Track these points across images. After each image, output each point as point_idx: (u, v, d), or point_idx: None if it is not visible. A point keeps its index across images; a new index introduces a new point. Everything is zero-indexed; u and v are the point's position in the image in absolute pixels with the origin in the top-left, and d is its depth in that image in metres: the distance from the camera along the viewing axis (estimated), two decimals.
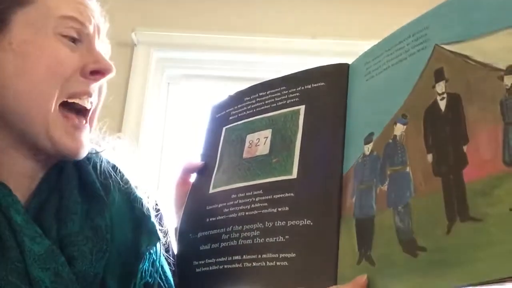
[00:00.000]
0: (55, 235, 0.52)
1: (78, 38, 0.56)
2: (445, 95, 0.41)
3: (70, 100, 0.55)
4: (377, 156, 0.47)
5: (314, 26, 1.83)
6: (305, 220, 0.50)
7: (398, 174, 0.43)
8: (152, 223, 0.60)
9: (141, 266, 0.56)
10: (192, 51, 1.80)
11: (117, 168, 0.63)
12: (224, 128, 0.65)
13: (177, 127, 1.81)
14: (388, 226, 0.42)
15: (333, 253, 0.47)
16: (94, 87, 0.57)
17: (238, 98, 0.66)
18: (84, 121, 0.57)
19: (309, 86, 0.59)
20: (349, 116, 0.53)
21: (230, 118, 0.65)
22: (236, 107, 0.65)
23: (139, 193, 0.63)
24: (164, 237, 0.62)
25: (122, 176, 0.62)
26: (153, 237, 0.59)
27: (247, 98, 0.64)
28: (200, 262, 0.56)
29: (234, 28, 1.82)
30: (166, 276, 0.60)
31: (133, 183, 0.64)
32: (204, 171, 0.64)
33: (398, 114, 0.46)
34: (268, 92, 0.63)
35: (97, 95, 0.58)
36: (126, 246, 0.57)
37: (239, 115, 0.64)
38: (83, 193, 0.58)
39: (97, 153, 0.62)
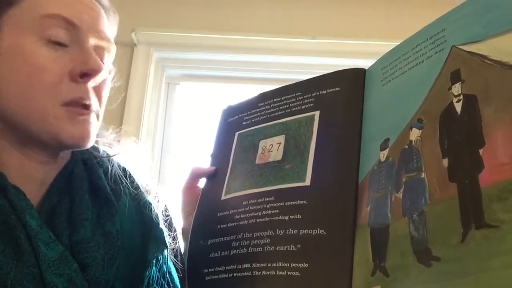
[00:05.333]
0: (67, 241, 0.52)
1: (67, 39, 0.53)
2: (461, 97, 0.40)
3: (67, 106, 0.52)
4: (393, 163, 0.46)
5: (314, 26, 1.83)
6: (318, 229, 0.48)
7: (413, 180, 0.42)
8: (161, 230, 0.60)
9: (147, 273, 0.56)
10: (192, 51, 1.80)
11: (128, 172, 0.63)
12: (237, 134, 0.64)
13: (177, 127, 1.79)
14: (403, 235, 0.41)
15: (347, 265, 0.46)
16: (88, 90, 0.53)
17: (252, 103, 0.65)
18: (89, 112, 0.54)
19: (324, 92, 0.58)
20: (365, 122, 0.52)
21: (244, 123, 0.64)
22: (249, 113, 0.65)
23: (150, 198, 0.63)
24: (173, 242, 0.62)
25: (132, 181, 0.62)
26: (161, 244, 0.59)
27: (261, 104, 0.64)
28: (209, 270, 0.56)
29: (234, 28, 1.81)
30: (174, 283, 0.60)
31: (143, 187, 0.63)
32: (216, 177, 0.63)
33: (414, 119, 0.45)
34: (282, 98, 0.62)
35: (95, 96, 0.55)
36: (134, 252, 0.57)
37: (253, 120, 0.63)
38: (94, 197, 0.58)
39: (108, 156, 0.62)
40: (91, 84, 0.53)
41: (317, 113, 0.56)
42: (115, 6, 0.63)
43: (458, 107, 0.40)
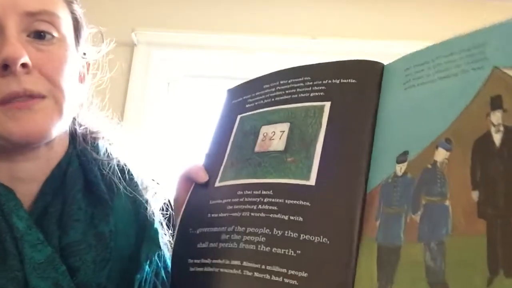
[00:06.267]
0: (57, 243, 0.51)
1: None
2: (501, 128, 0.37)
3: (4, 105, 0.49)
4: (411, 180, 0.42)
5: (314, 26, 1.83)
6: (321, 237, 0.44)
7: (435, 206, 0.39)
8: (155, 230, 0.58)
9: (139, 275, 0.54)
10: (192, 51, 1.80)
11: (127, 168, 0.61)
12: (239, 116, 0.59)
13: (177, 127, 1.79)
14: (416, 262, 0.38)
15: (349, 280, 0.43)
16: (20, 80, 0.49)
17: (257, 85, 0.59)
18: (36, 101, 0.50)
19: (337, 81, 0.52)
20: (380, 125, 0.48)
21: (247, 106, 0.59)
22: (254, 95, 0.59)
23: (148, 195, 0.60)
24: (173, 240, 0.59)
25: (131, 178, 0.61)
26: (153, 246, 0.57)
27: (266, 86, 0.58)
28: (195, 261, 0.51)
29: (234, 28, 1.81)
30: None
31: (142, 183, 0.61)
32: (213, 161, 0.58)
33: (441, 137, 0.41)
34: (289, 81, 0.56)
35: (42, 82, 0.51)
36: (128, 253, 0.56)
37: (256, 103, 0.58)
38: (89, 196, 0.56)
39: (108, 160, 0.60)
40: (22, 72, 0.49)
41: (327, 104, 0.51)
42: (115, 6, 0.61)
43: (497, 139, 0.36)
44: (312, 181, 0.48)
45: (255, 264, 0.46)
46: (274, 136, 0.53)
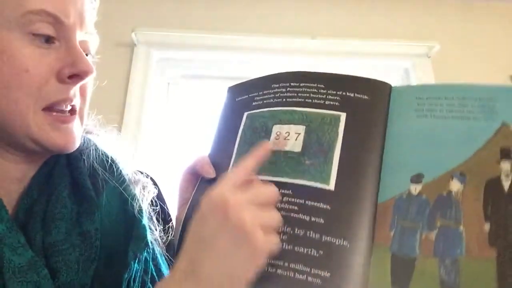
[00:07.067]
0: (40, 243, 0.49)
1: (53, 35, 0.50)
2: (510, 176, 0.42)
3: (48, 108, 0.51)
4: (426, 201, 0.46)
5: (314, 26, 1.83)
6: (342, 240, 0.47)
7: (449, 229, 0.43)
8: (143, 227, 0.57)
9: (126, 275, 0.53)
10: (192, 51, 1.80)
11: (113, 161, 0.60)
12: (245, 113, 0.59)
13: (177, 127, 1.79)
14: (431, 274, 0.42)
15: (364, 285, 0.45)
16: (74, 91, 0.52)
17: (264, 83, 0.60)
18: (72, 115, 0.53)
19: (352, 95, 0.55)
20: (389, 143, 0.51)
21: (254, 103, 0.60)
22: (261, 93, 0.60)
23: (136, 190, 0.60)
24: (165, 235, 0.60)
25: (118, 171, 0.60)
26: (141, 243, 0.56)
27: (275, 85, 0.59)
28: None
29: (234, 28, 1.81)
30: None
31: (130, 179, 0.61)
32: (220, 159, 0.58)
33: (455, 170, 0.46)
34: (302, 85, 0.57)
35: (79, 96, 0.54)
36: (116, 251, 0.54)
37: (265, 101, 0.59)
38: (75, 193, 0.55)
39: (94, 146, 0.60)
40: (79, 85, 0.52)
41: (343, 115, 0.53)
42: (115, 6, 0.61)
43: (506, 184, 0.42)
44: (331, 186, 0.49)
45: (279, 261, 0.47)
46: (289, 137, 0.54)
